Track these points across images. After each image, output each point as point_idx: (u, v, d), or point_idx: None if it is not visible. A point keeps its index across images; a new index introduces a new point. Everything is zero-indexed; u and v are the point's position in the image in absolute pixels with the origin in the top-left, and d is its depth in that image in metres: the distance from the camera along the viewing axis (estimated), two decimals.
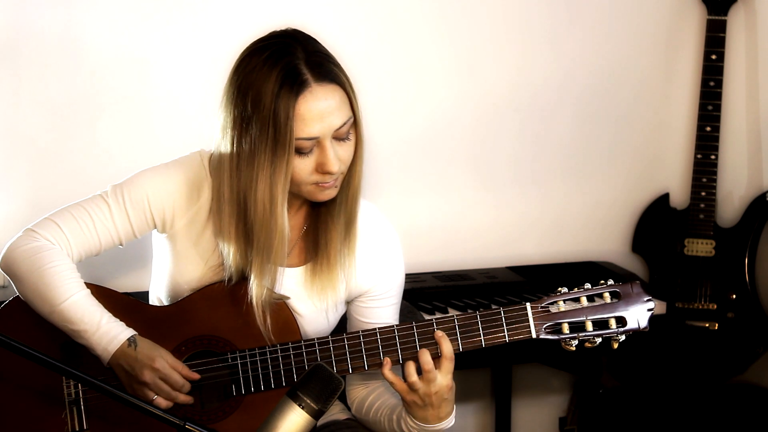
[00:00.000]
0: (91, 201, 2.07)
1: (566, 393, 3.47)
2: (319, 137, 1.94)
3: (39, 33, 2.74)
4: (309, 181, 1.98)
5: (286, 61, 1.93)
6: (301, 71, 1.92)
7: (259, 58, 1.95)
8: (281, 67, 1.92)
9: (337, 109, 1.95)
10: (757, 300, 3.28)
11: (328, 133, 1.95)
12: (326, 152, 1.95)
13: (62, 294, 1.99)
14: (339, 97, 1.95)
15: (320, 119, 1.93)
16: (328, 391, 1.63)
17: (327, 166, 1.95)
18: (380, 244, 2.16)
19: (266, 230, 1.98)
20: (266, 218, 1.97)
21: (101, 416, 2.05)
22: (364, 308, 2.18)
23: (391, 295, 2.18)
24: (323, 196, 2.02)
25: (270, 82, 1.91)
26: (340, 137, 1.97)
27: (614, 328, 2.05)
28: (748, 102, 3.39)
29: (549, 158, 3.32)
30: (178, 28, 2.87)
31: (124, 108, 2.85)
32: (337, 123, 1.95)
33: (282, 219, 1.98)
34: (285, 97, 1.91)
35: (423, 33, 3.13)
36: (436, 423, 2.06)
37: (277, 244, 1.99)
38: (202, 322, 2.07)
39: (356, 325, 2.19)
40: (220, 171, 2.02)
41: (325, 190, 2.01)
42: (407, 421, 2.08)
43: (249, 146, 1.94)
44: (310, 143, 1.94)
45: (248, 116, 1.94)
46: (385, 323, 2.15)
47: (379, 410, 2.16)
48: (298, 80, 1.92)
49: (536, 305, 2.05)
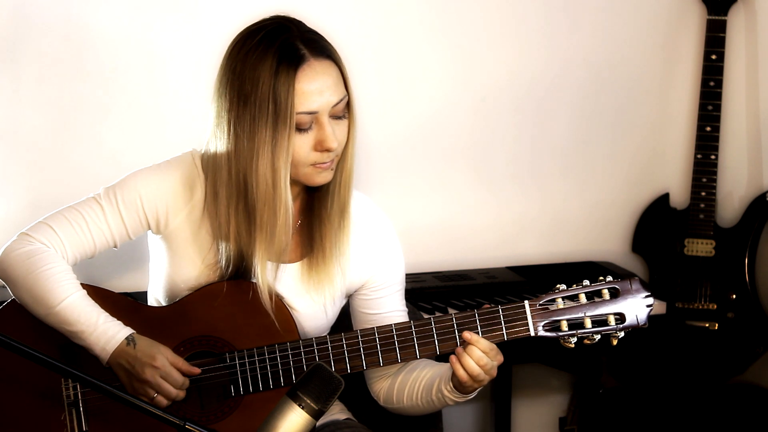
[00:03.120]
0: (84, 203, 2.08)
1: (566, 393, 3.47)
2: (318, 112, 1.97)
3: (39, 33, 2.74)
4: (308, 160, 2.00)
5: (283, 39, 1.96)
6: (298, 47, 1.96)
7: (252, 41, 1.98)
8: (278, 45, 1.95)
9: (335, 85, 1.98)
10: (757, 300, 3.28)
11: (326, 109, 1.97)
12: (324, 128, 1.98)
13: (58, 296, 1.99)
14: (335, 74, 1.99)
15: (319, 93, 1.96)
16: (328, 391, 1.63)
17: (326, 142, 1.98)
18: (374, 233, 2.17)
19: (269, 207, 1.99)
20: (269, 195, 1.98)
21: (101, 417, 2.05)
22: (367, 300, 2.18)
23: (393, 282, 2.19)
24: (320, 179, 2.03)
25: (267, 61, 1.95)
26: (336, 115, 2.00)
27: (613, 325, 2.05)
28: (748, 102, 3.39)
29: (549, 158, 3.32)
30: (180, 27, 2.87)
31: (125, 108, 2.85)
32: (334, 99, 1.98)
33: (285, 194, 1.99)
34: (284, 73, 1.94)
35: (419, 29, 3.12)
36: (474, 390, 2.06)
37: (281, 219, 2.00)
38: (201, 323, 2.07)
39: (361, 319, 2.19)
40: (213, 163, 2.03)
41: (322, 172, 2.02)
42: (444, 394, 2.07)
43: (249, 126, 1.96)
44: (309, 118, 1.97)
45: (245, 97, 1.96)
46: (392, 312, 2.16)
47: (413, 391, 2.15)
48: (296, 56, 1.95)
49: (534, 303, 2.05)
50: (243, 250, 2.03)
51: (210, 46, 2.85)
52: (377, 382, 2.23)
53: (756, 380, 3.22)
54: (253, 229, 2.01)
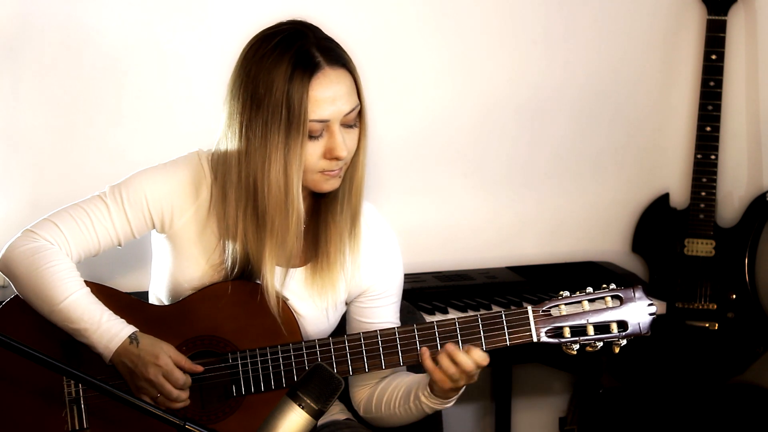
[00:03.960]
0: (89, 201, 2.07)
1: (566, 393, 3.47)
2: (330, 120, 1.97)
3: (40, 33, 2.74)
4: (316, 167, 1.99)
5: (299, 45, 1.96)
6: (313, 54, 1.96)
7: (268, 44, 1.97)
8: (294, 52, 1.95)
9: (347, 94, 1.98)
10: (757, 300, 3.28)
11: (337, 117, 1.97)
12: (335, 137, 1.97)
13: (62, 293, 1.99)
14: (349, 83, 1.99)
15: (332, 102, 1.96)
16: (328, 392, 1.63)
17: (336, 150, 1.97)
18: (378, 242, 2.16)
19: (281, 212, 1.99)
20: (281, 200, 1.98)
21: (102, 415, 2.05)
22: (363, 308, 2.18)
23: (390, 294, 2.19)
24: (328, 186, 2.03)
25: (282, 66, 1.94)
26: (347, 124, 2.00)
27: (616, 333, 2.05)
28: (748, 102, 3.40)
29: (549, 157, 3.32)
30: (181, 28, 2.87)
31: (125, 107, 2.85)
32: (346, 108, 1.97)
33: (298, 201, 1.99)
34: (299, 79, 1.93)
35: (418, 34, 3.12)
36: (453, 396, 2.06)
37: (293, 225, 2.00)
38: (203, 322, 2.07)
39: (356, 326, 2.19)
40: (223, 164, 2.03)
41: (330, 179, 2.02)
42: (421, 400, 2.07)
43: (261, 130, 1.96)
44: (320, 126, 1.96)
45: (258, 100, 1.95)
46: (385, 323, 2.15)
47: (391, 399, 2.15)
48: (311, 63, 1.95)
49: (537, 308, 2.05)
50: (250, 253, 2.03)
51: (211, 47, 2.87)
52: (359, 392, 2.22)
53: (756, 380, 3.22)
54: (263, 235, 2.01)
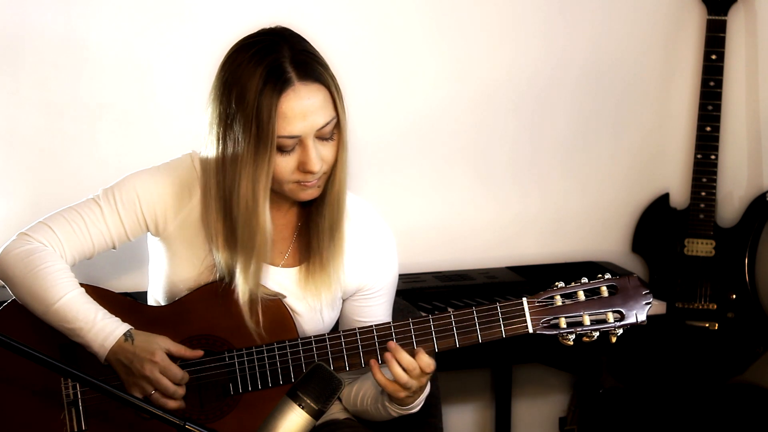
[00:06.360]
0: (83, 204, 2.08)
1: (566, 393, 3.47)
2: (301, 136, 1.95)
3: (39, 34, 2.74)
4: (290, 179, 1.99)
5: (272, 59, 1.94)
6: (285, 69, 1.94)
7: (245, 54, 1.96)
8: (266, 65, 1.93)
9: (320, 108, 1.96)
10: (757, 300, 3.28)
11: (310, 132, 1.96)
12: (308, 151, 1.96)
13: (56, 293, 2.00)
14: (322, 97, 1.96)
15: (302, 118, 1.94)
16: (328, 391, 1.63)
17: (308, 165, 1.96)
18: (371, 241, 2.16)
19: (249, 228, 1.99)
20: (248, 216, 1.98)
21: (100, 417, 2.05)
22: (356, 306, 2.18)
23: (383, 293, 2.19)
24: (305, 196, 2.03)
25: (254, 79, 1.93)
26: (323, 137, 1.98)
27: (612, 323, 2.05)
28: (748, 102, 3.39)
29: (549, 157, 3.32)
30: (179, 30, 2.87)
31: (124, 109, 2.85)
32: (319, 122, 1.96)
33: (263, 217, 1.99)
34: (268, 95, 1.92)
35: (416, 27, 3.12)
36: (416, 401, 2.10)
37: (259, 242, 2.00)
38: (200, 322, 2.07)
39: (348, 323, 2.19)
40: (206, 171, 2.04)
41: (306, 189, 2.01)
42: (388, 408, 2.11)
43: (233, 143, 1.96)
44: (292, 141, 1.95)
45: (232, 113, 1.95)
46: (377, 321, 2.15)
47: (364, 398, 2.19)
48: (282, 78, 1.93)
49: (533, 300, 2.05)
50: (231, 260, 2.04)
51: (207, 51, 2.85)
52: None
53: (756, 380, 3.22)
54: (235, 249, 2.02)
